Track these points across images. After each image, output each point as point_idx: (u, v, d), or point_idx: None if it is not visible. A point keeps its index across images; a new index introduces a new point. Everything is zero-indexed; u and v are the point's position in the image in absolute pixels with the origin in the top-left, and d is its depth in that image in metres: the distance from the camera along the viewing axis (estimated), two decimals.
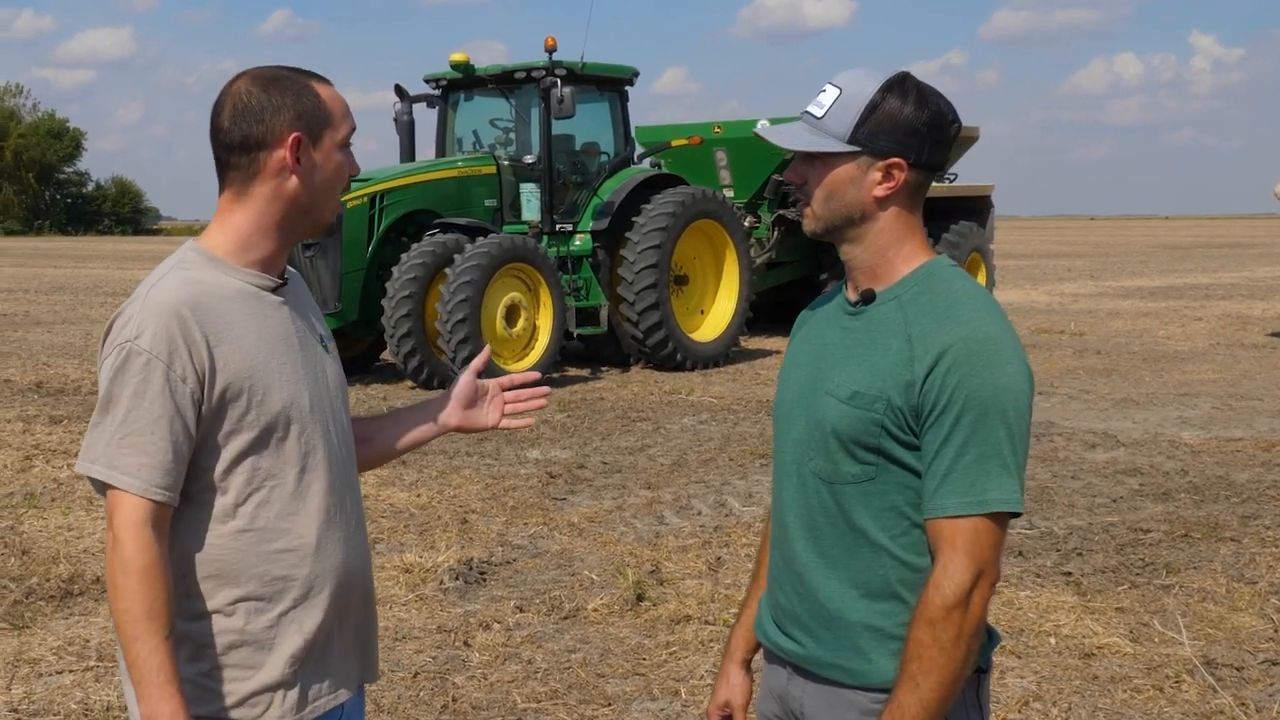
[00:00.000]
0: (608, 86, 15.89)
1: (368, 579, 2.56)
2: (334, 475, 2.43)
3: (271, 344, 2.36)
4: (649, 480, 9.20)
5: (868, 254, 2.34)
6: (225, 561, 2.31)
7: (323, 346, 2.51)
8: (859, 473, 2.27)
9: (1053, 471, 9.38)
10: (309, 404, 2.39)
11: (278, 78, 2.37)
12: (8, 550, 7.26)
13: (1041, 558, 7.13)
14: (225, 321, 2.30)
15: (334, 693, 2.46)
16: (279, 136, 2.33)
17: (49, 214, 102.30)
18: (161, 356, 2.23)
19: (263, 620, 2.34)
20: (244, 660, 2.33)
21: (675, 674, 5.47)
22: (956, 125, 2.34)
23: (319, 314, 2.59)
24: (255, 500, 2.32)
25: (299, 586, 2.36)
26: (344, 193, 2.48)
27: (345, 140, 2.41)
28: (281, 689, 2.36)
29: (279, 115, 2.33)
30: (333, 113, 2.38)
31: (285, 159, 2.33)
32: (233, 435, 2.30)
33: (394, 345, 13.43)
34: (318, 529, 2.38)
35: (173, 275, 2.33)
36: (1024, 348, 2.26)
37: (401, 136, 15.99)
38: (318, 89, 2.38)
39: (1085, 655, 5.63)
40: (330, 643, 2.44)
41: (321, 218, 2.43)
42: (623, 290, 14.91)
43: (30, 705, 5.14)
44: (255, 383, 2.30)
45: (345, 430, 2.52)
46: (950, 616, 2.15)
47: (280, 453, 2.34)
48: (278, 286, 2.42)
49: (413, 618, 6.19)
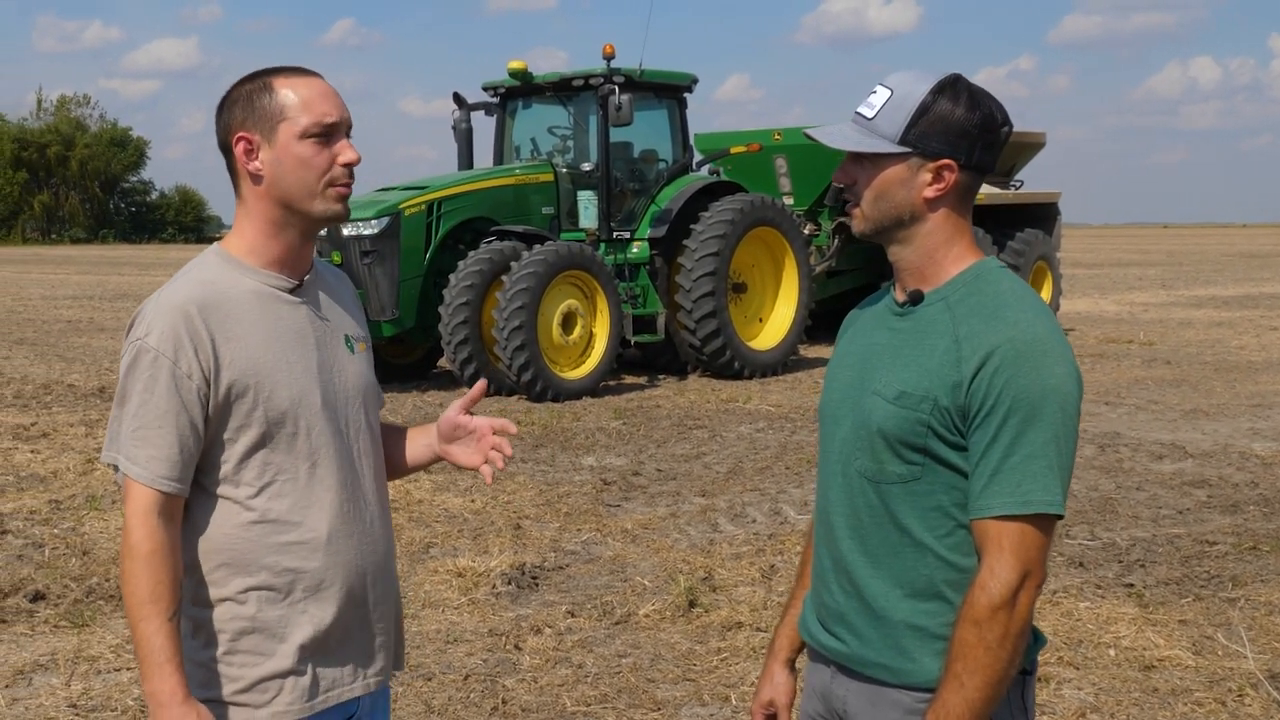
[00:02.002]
0: (666, 93, 15.86)
1: (388, 574, 2.60)
2: (348, 471, 2.47)
3: (282, 342, 2.41)
4: (704, 487, 9.16)
5: (916, 255, 2.33)
6: (238, 551, 2.37)
7: (348, 346, 2.54)
8: (905, 473, 2.27)
9: (1117, 482, 9.24)
10: (320, 401, 2.43)
11: (245, 81, 2.43)
12: (69, 550, 7.35)
13: (1103, 569, 7.02)
14: (234, 320, 2.36)
15: (349, 684, 2.49)
16: (232, 141, 2.41)
17: (114, 222, 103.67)
18: (167, 354, 2.31)
19: (275, 609, 2.39)
20: (255, 647, 2.39)
21: (726, 680, 5.43)
22: (1008, 128, 2.33)
23: (355, 313, 2.63)
24: (267, 493, 2.39)
25: (310, 578, 2.41)
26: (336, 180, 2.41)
27: (309, 131, 2.37)
28: (292, 676, 2.40)
29: (231, 120, 2.41)
30: (286, 106, 2.38)
31: (242, 158, 2.40)
32: (242, 430, 2.36)
33: (451, 352, 13.46)
34: (329, 523, 2.43)
35: (187, 276, 2.42)
36: (1072, 349, 2.22)
37: (460, 144, 16.05)
38: (277, 85, 2.40)
39: (1145, 667, 5.53)
40: (346, 635, 2.48)
41: (308, 211, 2.42)
42: (680, 298, 14.86)
43: (88, 701, 5.21)
44: (262, 379, 2.36)
45: (365, 428, 2.55)
46: (996, 617, 2.14)
47: (292, 448, 2.40)
48: (296, 286, 2.46)
49: (465, 621, 6.19)
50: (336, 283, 2.63)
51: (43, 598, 6.49)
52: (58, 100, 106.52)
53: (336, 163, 2.40)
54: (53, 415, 12.37)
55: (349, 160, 2.42)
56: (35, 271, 46.01)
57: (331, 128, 2.40)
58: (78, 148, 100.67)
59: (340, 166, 2.41)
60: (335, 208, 2.43)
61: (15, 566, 7.03)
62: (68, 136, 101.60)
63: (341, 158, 2.41)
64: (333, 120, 2.39)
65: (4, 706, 5.15)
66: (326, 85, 2.43)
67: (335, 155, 2.40)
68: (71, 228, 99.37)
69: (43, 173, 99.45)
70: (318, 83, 2.42)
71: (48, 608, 6.37)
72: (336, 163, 2.40)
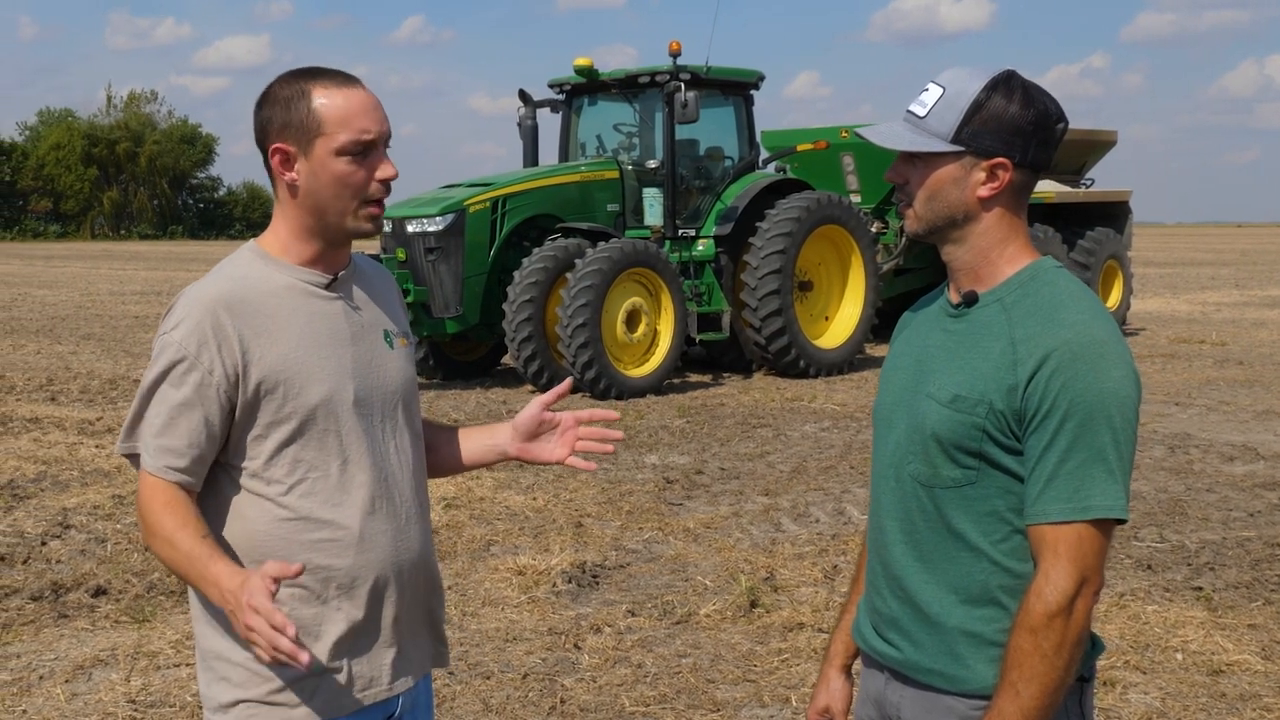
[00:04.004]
0: (732, 90, 15.81)
1: (426, 571, 2.57)
2: (382, 468, 2.45)
3: (315, 338, 2.39)
4: (767, 487, 9.12)
5: (970, 255, 2.30)
6: (270, 548, 2.36)
7: (387, 342, 2.52)
8: (959, 477, 2.23)
9: (1187, 484, 9.10)
10: (354, 398, 2.41)
11: (284, 83, 2.39)
12: (132, 545, 7.44)
13: (1171, 572, 6.91)
14: (264, 316, 2.36)
15: (386, 683, 2.48)
16: (267, 147, 2.38)
17: (182, 219, 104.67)
18: (190, 349, 2.31)
19: (309, 608, 2.38)
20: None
21: (786, 681, 5.40)
22: (1063, 125, 2.28)
23: (395, 308, 2.60)
24: (299, 490, 2.37)
25: (343, 575, 2.39)
26: (372, 197, 2.39)
27: (345, 148, 2.33)
28: (329, 674, 2.39)
29: (269, 125, 2.38)
30: (325, 120, 2.33)
31: (278, 168, 2.38)
32: (273, 426, 2.36)
33: (514, 349, 13.50)
34: (361, 520, 2.41)
35: (220, 272, 2.42)
36: (1131, 351, 2.17)
37: (525, 141, 16.08)
38: (315, 95, 2.34)
39: (1213, 672, 5.44)
40: (382, 632, 2.46)
41: (339, 225, 2.40)
42: (745, 296, 14.80)
43: (147, 697, 5.26)
44: (292, 376, 2.35)
45: (403, 425, 2.53)
46: (1053, 624, 2.11)
47: (323, 444, 2.38)
48: (331, 281, 2.44)
49: (524, 619, 6.20)
50: (376, 278, 2.60)
51: (104, 593, 6.57)
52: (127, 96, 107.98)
53: (374, 178, 2.37)
54: (118, 410, 12.52)
55: (386, 177, 2.39)
56: (104, 267, 46.64)
57: (369, 145, 2.36)
58: (147, 144, 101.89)
59: (377, 183, 2.38)
60: (366, 227, 2.41)
61: (78, 561, 7.13)
62: (137, 133, 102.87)
63: (379, 174, 2.38)
64: (370, 137, 2.35)
65: (63, 701, 5.21)
66: (367, 96, 2.37)
67: (372, 171, 2.37)
68: (140, 224, 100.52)
69: (112, 169, 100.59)
70: (358, 94, 2.36)
71: (109, 603, 6.45)
72: (374, 178, 2.37)
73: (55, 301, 28.28)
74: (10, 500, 8.54)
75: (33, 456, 10.09)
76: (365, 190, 2.38)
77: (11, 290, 32.16)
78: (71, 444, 10.66)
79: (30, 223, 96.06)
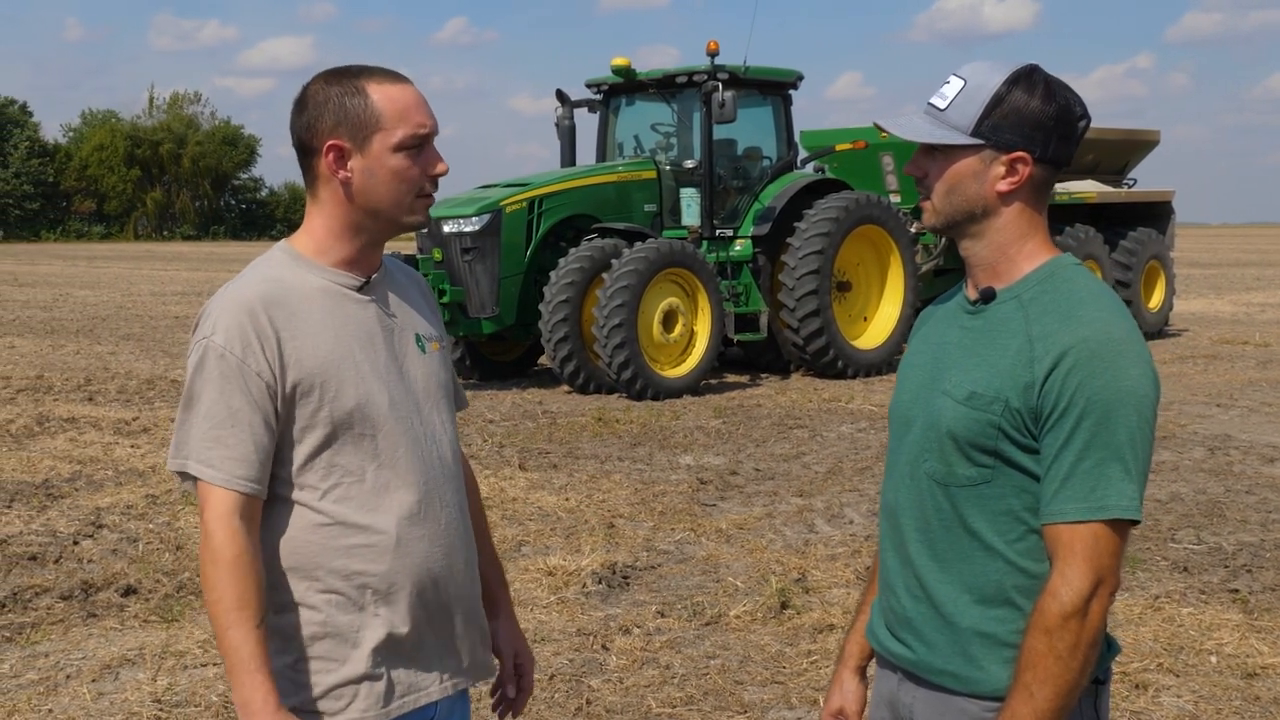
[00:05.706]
0: (770, 90, 15.76)
1: (468, 577, 2.53)
2: (419, 473, 2.41)
3: (349, 341, 2.36)
4: (801, 488, 9.08)
5: (989, 250, 2.27)
6: (305, 555, 2.33)
7: (419, 346, 2.49)
8: (974, 475, 2.21)
9: (1226, 486, 9.00)
10: (388, 402, 2.38)
11: (332, 81, 2.37)
12: (163, 545, 7.47)
13: (1208, 574, 6.83)
14: (301, 317, 2.32)
15: (425, 689, 2.45)
16: (320, 145, 2.35)
17: (224, 219, 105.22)
18: (235, 351, 2.27)
19: (346, 614, 2.35)
20: (328, 653, 2.34)
21: (815, 683, 5.37)
22: (1085, 120, 2.25)
23: (427, 312, 2.58)
24: (334, 495, 2.34)
25: (380, 581, 2.35)
26: (424, 192, 2.40)
27: (404, 143, 2.33)
28: (367, 682, 2.36)
29: (320, 123, 2.35)
30: (382, 115, 2.33)
31: (331, 166, 2.35)
32: (307, 431, 2.32)
33: (551, 349, 13.50)
34: (398, 526, 2.37)
35: (253, 273, 2.38)
36: (1150, 350, 2.14)
37: (562, 141, 16.07)
38: (371, 91, 2.34)
39: (1248, 675, 5.37)
40: (421, 639, 2.42)
41: (395, 219, 2.39)
42: (783, 296, 14.75)
43: (173, 697, 5.27)
44: (328, 379, 2.32)
45: (438, 429, 2.49)
46: (1068, 625, 2.08)
47: (359, 449, 2.35)
48: (363, 285, 2.42)
49: (553, 620, 6.19)
50: (407, 281, 2.59)
51: (134, 592, 6.59)
52: (170, 98, 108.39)
53: (428, 174, 2.38)
54: (154, 411, 12.61)
55: (440, 172, 2.40)
56: (146, 268, 46.99)
57: (425, 139, 2.37)
58: (189, 145, 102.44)
59: (429, 178, 2.39)
60: (419, 219, 2.41)
61: (109, 561, 7.16)
62: (180, 134, 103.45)
63: (433, 170, 2.38)
64: (426, 131, 2.36)
65: (89, 701, 5.23)
66: (418, 92, 2.39)
67: (426, 166, 2.37)
68: (183, 224, 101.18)
69: (155, 170, 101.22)
70: (410, 90, 2.37)
71: (138, 602, 6.47)
72: (428, 174, 2.38)
73: (96, 302, 28.50)
74: (44, 500, 8.60)
75: (68, 456, 10.16)
76: (420, 185, 2.38)
77: (53, 290, 32.45)
78: (107, 444, 10.73)
79: (75, 223, 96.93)
